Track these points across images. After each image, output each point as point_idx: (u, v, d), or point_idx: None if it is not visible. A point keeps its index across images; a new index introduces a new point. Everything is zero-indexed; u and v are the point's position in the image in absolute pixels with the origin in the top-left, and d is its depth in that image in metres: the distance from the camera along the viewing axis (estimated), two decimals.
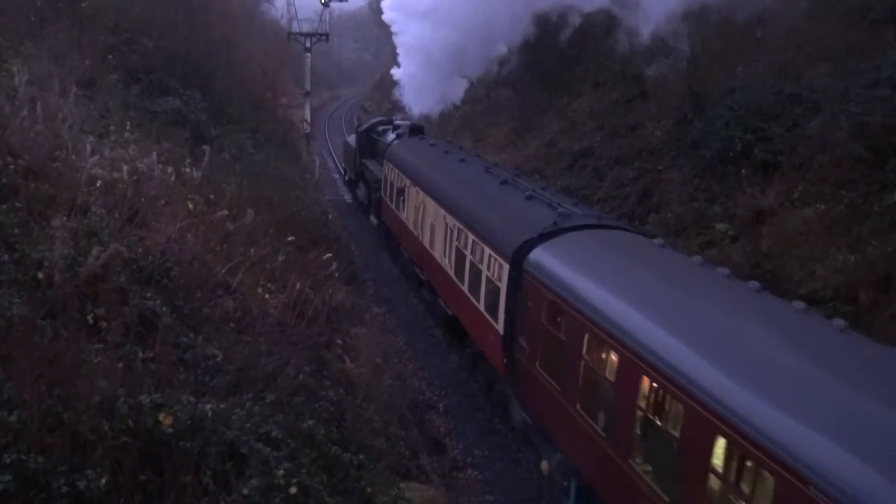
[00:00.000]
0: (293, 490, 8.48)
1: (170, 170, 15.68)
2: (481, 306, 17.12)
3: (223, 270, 13.66)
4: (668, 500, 9.96)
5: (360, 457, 10.45)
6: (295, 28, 48.73)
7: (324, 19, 49.56)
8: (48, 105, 14.77)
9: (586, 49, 36.65)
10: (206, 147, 18.25)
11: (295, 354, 12.43)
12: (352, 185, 38.75)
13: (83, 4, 22.83)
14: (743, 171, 22.23)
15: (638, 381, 10.74)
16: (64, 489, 7.05)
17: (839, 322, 10.31)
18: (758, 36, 26.42)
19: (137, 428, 7.96)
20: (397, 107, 40.76)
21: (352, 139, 37.97)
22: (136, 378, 8.76)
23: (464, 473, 15.99)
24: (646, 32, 26.89)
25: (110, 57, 21.66)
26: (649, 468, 10.69)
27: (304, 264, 16.99)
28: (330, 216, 27.84)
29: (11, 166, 11.61)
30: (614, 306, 11.93)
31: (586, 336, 12.31)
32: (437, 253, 21.13)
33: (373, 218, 32.41)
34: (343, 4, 51.96)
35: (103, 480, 7.27)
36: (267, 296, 14.37)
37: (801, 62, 23.78)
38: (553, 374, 13.61)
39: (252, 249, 15.14)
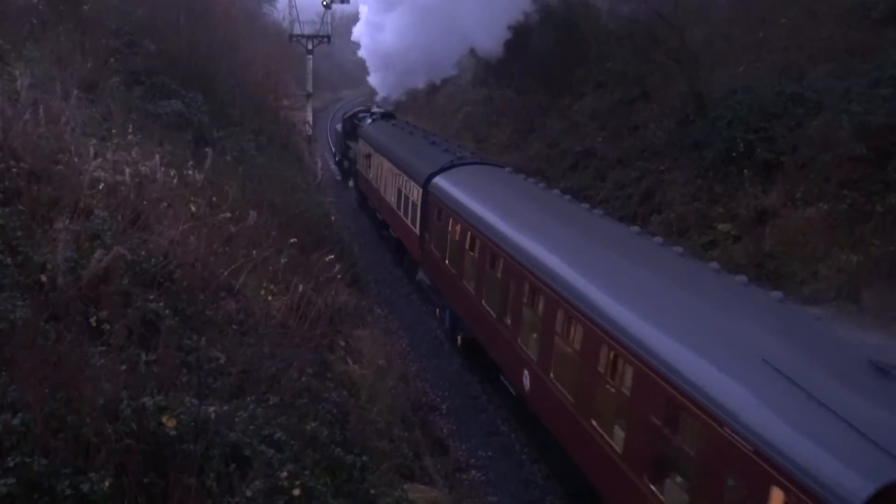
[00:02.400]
0: (296, 492, 8.47)
1: (172, 172, 15.68)
2: (408, 220, 25.51)
3: (226, 273, 13.65)
4: (522, 343, 15.38)
5: (364, 458, 10.44)
6: (297, 30, 48.79)
7: (325, 21, 49.64)
8: (50, 108, 14.78)
9: (588, 50, 36.69)
10: (208, 149, 18.26)
11: (298, 356, 12.42)
12: (339, 164, 46.27)
13: (85, 7, 22.86)
14: (745, 171, 22.25)
15: (485, 253, 17.65)
16: (67, 492, 7.05)
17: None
18: (759, 36, 26.44)
19: (141, 430, 7.95)
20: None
21: (340, 126, 45.43)
22: (139, 380, 8.76)
23: (467, 475, 15.98)
24: None
25: (112, 60, 21.67)
26: (508, 321, 16.26)
27: (307, 266, 16.99)
28: (333, 218, 27.87)
29: (14, 169, 11.62)
30: (481, 211, 18.65)
31: (466, 231, 19.12)
32: (387, 196, 29.15)
33: (350, 183, 40.91)
34: (345, 6, 51.96)
35: (107, 483, 7.27)
36: (270, 298, 14.37)
37: (803, 62, 23.81)
38: (444, 256, 21.15)
39: (255, 251, 15.13)
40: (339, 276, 17.99)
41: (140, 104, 21.16)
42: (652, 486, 10.27)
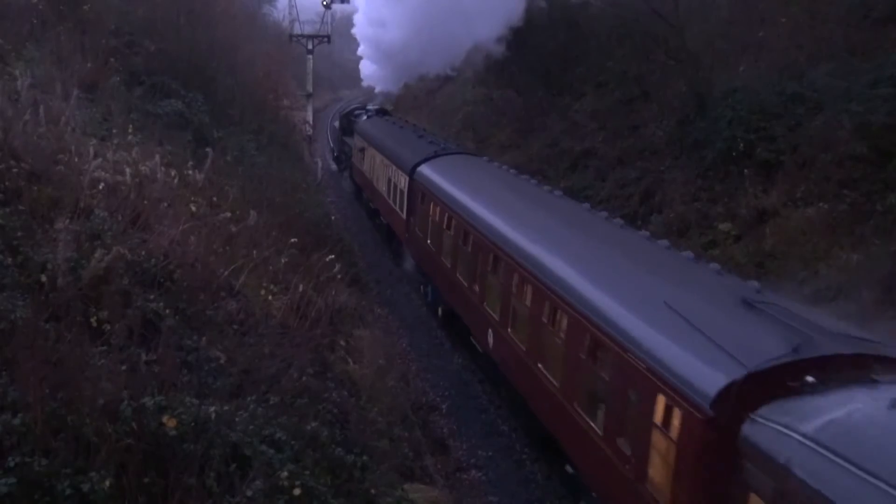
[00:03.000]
0: (297, 492, 8.47)
1: (172, 172, 15.69)
2: (396, 206, 27.44)
3: (226, 273, 13.65)
4: (487, 307, 17.74)
5: (364, 458, 10.45)
6: (297, 30, 48.78)
7: (325, 21, 49.62)
8: (51, 108, 14.79)
9: (588, 49, 36.67)
10: (208, 149, 18.26)
11: (298, 356, 12.43)
12: (337, 159, 48.41)
13: (85, 8, 22.87)
14: (745, 170, 22.24)
15: (459, 231, 19.82)
16: (68, 492, 7.05)
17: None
18: (759, 35, 26.43)
19: (141, 430, 7.96)
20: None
21: (337, 123, 48.19)
22: (139, 380, 8.75)
23: (467, 474, 15.99)
24: None
25: (112, 60, 21.67)
26: (476, 288, 18.63)
27: (307, 266, 17.00)
28: (333, 217, 27.92)
29: (14, 169, 11.62)
30: (457, 194, 20.88)
31: (444, 213, 21.23)
32: (378, 186, 31.14)
33: (346, 175, 43.30)
34: (345, 6, 51.94)
35: (107, 483, 7.27)
36: (270, 298, 14.38)
37: (803, 61, 23.79)
38: (426, 236, 23.29)
39: (255, 251, 15.15)
40: (339, 276, 18.00)
41: (140, 104, 21.18)
42: (580, 411, 12.81)
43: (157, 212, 13.77)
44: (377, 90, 46.44)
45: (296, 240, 17.82)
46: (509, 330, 16.24)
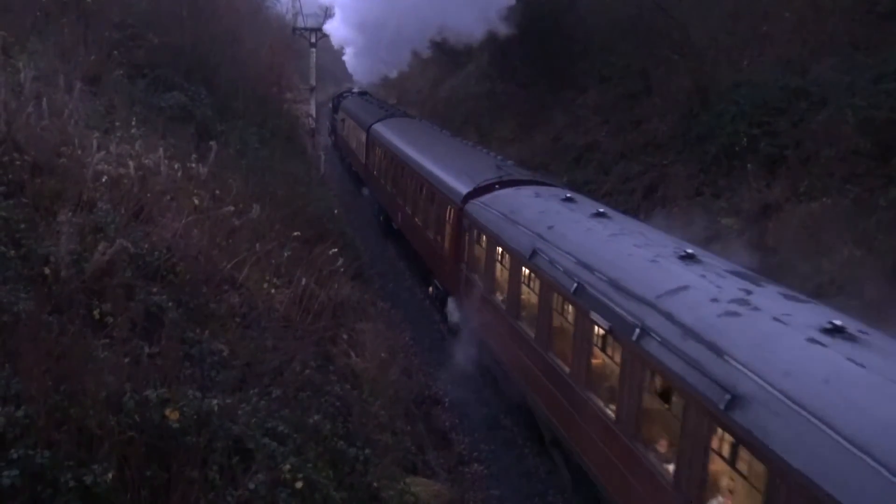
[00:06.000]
0: (299, 485, 8.49)
1: (176, 165, 15.69)
2: (360, 156, 39.08)
3: (229, 266, 13.67)
4: (400, 201, 28.69)
5: (366, 451, 10.46)
6: (300, 23, 48.70)
7: (328, 15, 49.58)
8: (54, 101, 14.78)
9: (592, 44, 36.62)
10: (211, 142, 18.25)
11: (301, 349, 12.45)
12: (331, 135, 57.39)
13: (88, 0, 22.84)
14: (749, 165, 22.20)
15: (395, 165, 30.10)
16: (71, 484, 7.07)
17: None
18: (763, 30, 26.36)
19: (144, 423, 7.97)
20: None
21: (331, 105, 59.67)
22: (142, 373, 8.77)
23: (470, 468, 16.00)
24: None
25: (115, 52, 21.65)
26: (398, 196, 29.28)
27: (310, 259, 16.99)
28: (336, 211, 27.90)
29: (17, 162, 11.64)
30: (395, 141, 31.41)
31: (388, 155, 31.74)
32: (351, 144, 43.71)
33: (330, 139, 55.48)
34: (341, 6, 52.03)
35: (110, 475, 7.29)
36: (273, 291, 14.38)
37: (807, 56, 23.72)
38: (379, 175, 33.90)
39: (258, 245, 15.13)
40: (342, 270, 17.99)
41: (143, 97, 21.16)
42: (428, 233, 23.84)
43: (160, 205, 13.78)
44: (364, 81, 57.07)
45: (298, 233, 17.81)
46: (407, 208, 27.36)
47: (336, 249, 18.32)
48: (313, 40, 47.29)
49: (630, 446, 11.24)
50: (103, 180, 12.91)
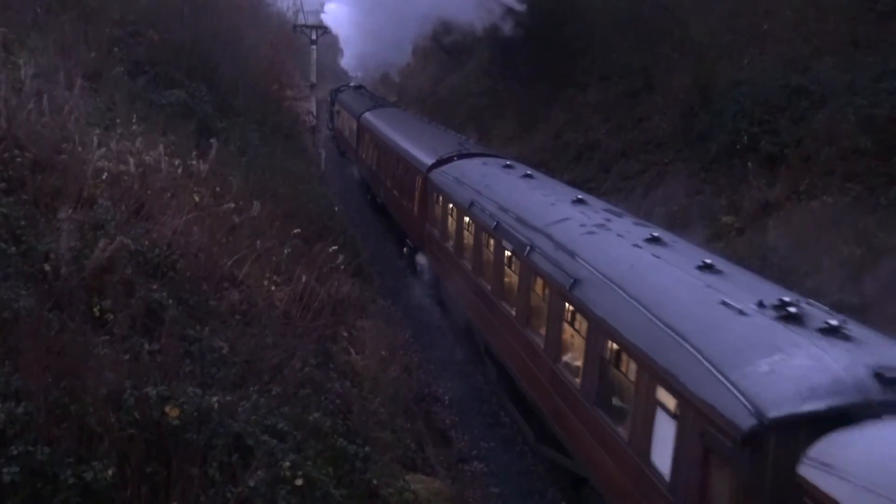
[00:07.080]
0: (299, 482, 8.49)
1: (176, 162, 15.69)
2: (352, 142, 42.42)
3: (229, 263, 13.67)
4: (383, 177, 32.14)
5: (366, 449, 10.46)
6: (301, 20, 48.67)
7: (328, 12, 49.56)
8: (54, 98, 14.78)
9: (592, 42, 36.58)
10: (212, 140, 18.25)
11: (301, 347, 12.44)
12: (329, 126, 59.12)
13: None
14: (749, 163, 22.20)
15: (378, 146, 33.83)
16: (71, 480, 7.08)
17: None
18: (764, 28, 26.34)
19: (144, 420, 7.98)
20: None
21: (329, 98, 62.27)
22: (142, 370, 8.78)
23: (469, 465, 16.00)
24: None
25: (116, 49, 21.66)
26: (381, 174, 32.90)
27: (310, 257, 16.98)
28: (336, 208, 27.92)
29: (18, 159, 11.64)
30: (381, 127, 34.54)
31: (376, 139, 34.80)
32: (344, 133, 47.28)
33: (329, 128, 56.74)
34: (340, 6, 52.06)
35: (110, 472, 7.30)
36: (273, 288, 14.39)
37: (808, 55, 23.70)
38: (367, 156, 37.15)
39: (258, 242, 15.13)
40: (342, 267, 17.99)
41: (144, 94, 21.16)
42: (396, 194, 28.50)
43: (161, 202, 13.78)
44: (359, 76, 58.12)
45: (299, 230, 17.80)
46: (387, 182, 30.61)
47: (336, 247, 18.32)
48: (314, 37, 47.26)
49: (522, 332, 15.55)
50: (104, 177, 12.92)
